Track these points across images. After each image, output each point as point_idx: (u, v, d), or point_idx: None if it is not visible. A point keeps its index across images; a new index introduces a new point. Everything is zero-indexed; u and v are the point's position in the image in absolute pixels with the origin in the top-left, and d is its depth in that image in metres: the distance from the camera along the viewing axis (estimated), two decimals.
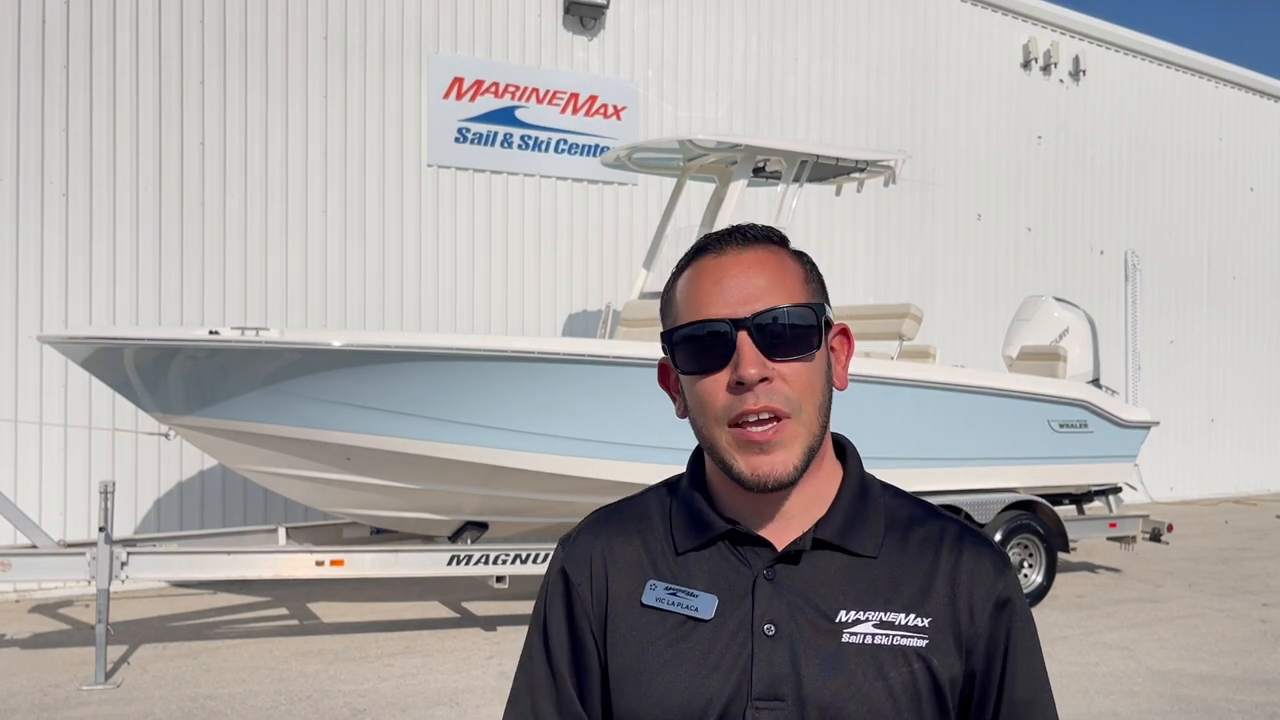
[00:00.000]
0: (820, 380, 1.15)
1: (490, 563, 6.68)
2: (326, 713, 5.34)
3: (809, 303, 1.14)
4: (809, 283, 1.18)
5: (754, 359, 1.11)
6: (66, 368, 7.89)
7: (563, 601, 1.25)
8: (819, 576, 1.13)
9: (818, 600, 1.12)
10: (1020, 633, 1.16)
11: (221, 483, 8.62)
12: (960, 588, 1.14)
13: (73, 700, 5.50)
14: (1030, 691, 1.17)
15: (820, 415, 1.14)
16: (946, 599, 1.13)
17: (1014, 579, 1.19)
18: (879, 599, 1.12)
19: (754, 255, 1.16)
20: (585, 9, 10.26)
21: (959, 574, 1.15)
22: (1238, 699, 5.71)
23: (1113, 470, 8.83)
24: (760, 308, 1.12)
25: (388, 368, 6.25)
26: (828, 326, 1.17)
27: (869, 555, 1.14)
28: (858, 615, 1.11)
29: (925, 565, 1.15)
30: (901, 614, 1.11)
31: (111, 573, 5.95)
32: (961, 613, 1.13)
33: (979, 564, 1.16)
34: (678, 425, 5.49)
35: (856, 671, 1.08)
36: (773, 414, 1.11)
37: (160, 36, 8.61)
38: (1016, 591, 1.18)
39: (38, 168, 8.17)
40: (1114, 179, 14.41)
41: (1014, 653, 1.15)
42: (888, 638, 1.10)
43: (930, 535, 1.18)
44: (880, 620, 1.11)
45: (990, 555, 1.18)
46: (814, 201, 11.28)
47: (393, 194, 9.48)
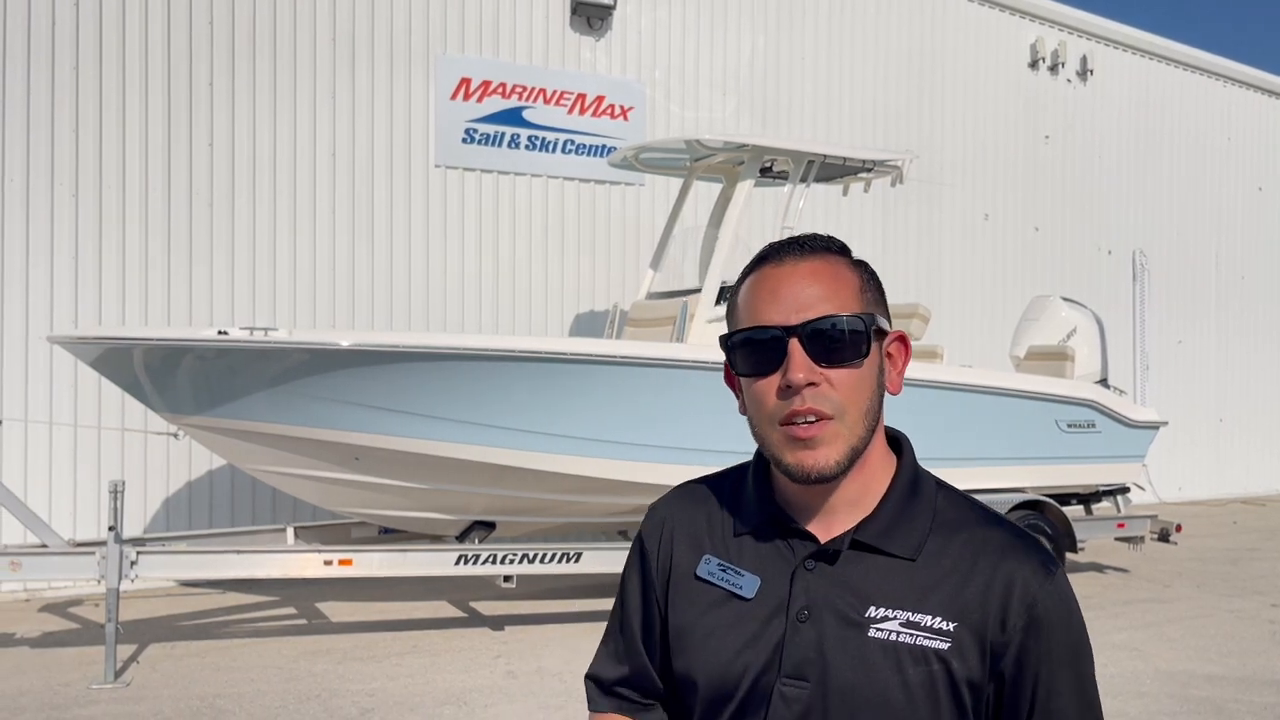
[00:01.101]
0: (867, 386, 1.21)
1: (498, 562, 6.69)
2: (335, 712, 5.36)
3: (859, 313, 1.21)
4: (864, 292, 1.25)
5: (802, 364, 1.18)
6: (76, 368, 7.92)
7: (639, 562, 1.40)
8: (856, 573, 1.19)
9: (851, 594, 1.18)
10: (1056, 644, 1.16)
11: (230, 482, 8.65)
12: (994, 595, 1.16)
13: (82, 699, 5.52)
14: (1065, 704, 1.16)
15: (866, 418, 1.21)
16: (978, 605, 1.16)
17: (1057, 590, 1.18)
18: (910, 599, 1.17)
19: (810, 265, 1.24)
20: (592, 9, 10.27)
21: (995, 581, 1.17)
22: (1246, 699, 5.70)
23: (1121, 470, 8.81)
24: (811, 316, 1.20)
25: (395, 368, 6.27)
26: (881, 335, 1.24)
27: (907, 558, 1.19)
28: (887, 613, 1.16)
29: (963, 570, 1.18)
30: (929, 616, 1.16)
31: (121, 572, 5.97)
32: (992, 619, 1.15)
33: (1018, 573, 1.17)
34: (684, 425, 5.54)
35: (877, 664, 1.14)
36: (817, 415, 1.19)
37: (169, 37, 8.64)
38: (1057, 603, 1.17)
39: (47, 167, 8.21)
40: (1122, 178, 14.37)
41: (1049, 665, 1.16)
42: (912, 637, 1.15)
43: (975, 540, 1.21)
44: (908, 620, 1.16)
45: (1032, 565, 1.19)
46: (821, 202, 11.27)
47: (400, 194, 9.50)
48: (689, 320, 7.37)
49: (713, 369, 6.90)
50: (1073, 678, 1.17)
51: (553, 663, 6.28)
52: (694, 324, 7.32)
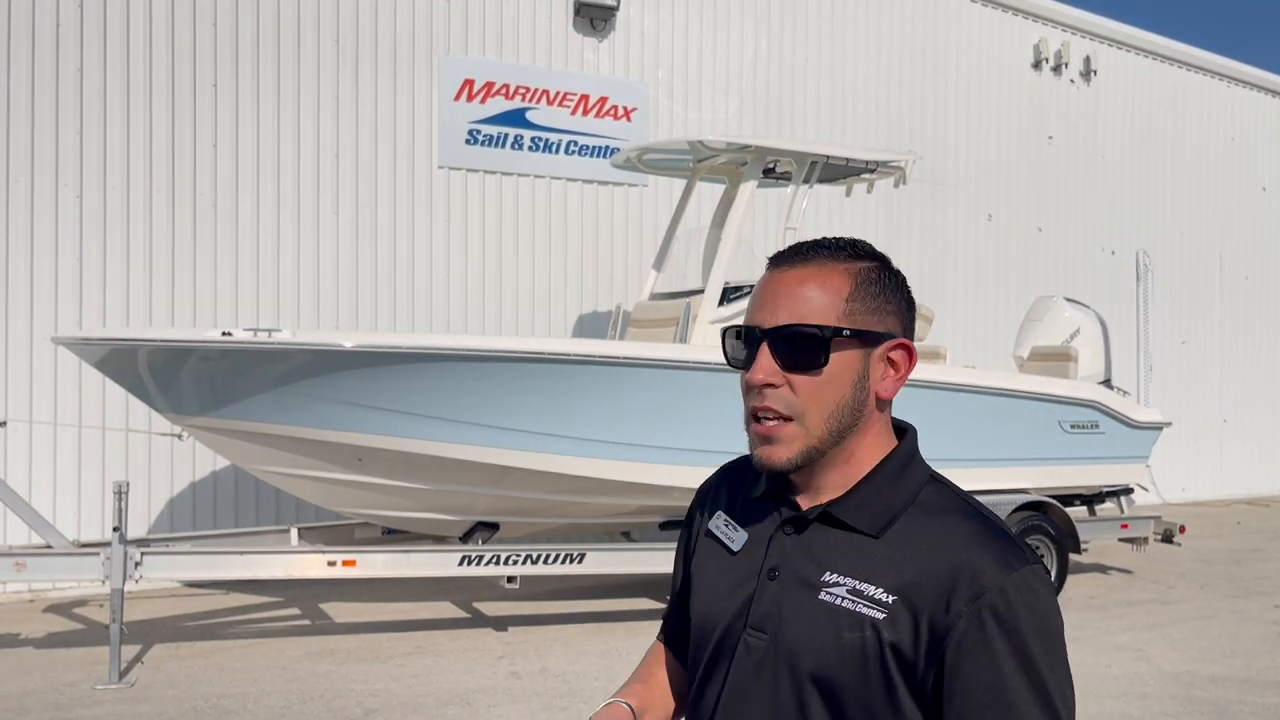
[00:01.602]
0: (831, 391, 1.27)
1: (501, 563, 6.69)
2: (338, 712, 5.36)
3: (822, 324, 1.27)
4: (851, 302, 1.29)
5: (765, 367, 1.28)
6: (80, 369, 7.93)
7: (686, 526, 1.57)
8: (822, 541, 1.29)
9: (812, 560, 1.28)
10: (999, 638, 1.17)
11: (234, 483, 8.66)
12: (944, 579, 1.20)
13: (87, 699, 5.53)
14: (1016, 700, 1.16)
15: (829, 421, 1.28)
16: (927, 585, 1.20)
17: (1012, 587, 1.19)
18: (862, 570, 1.24)
19: (801, 273, 1.31)
20: (595, 10, 10.28)
21: (949, 567, 1.20)
22: (1250, 700, 5.70)
23: (1124, 471, 8.81)
24: (780, 322, 1.28)
25: (399, 369, 6.28)
26: (870, 341, 1.30)
27: (870, 534, 1.27)
28: (838, 579, 1.25)
29: (924, 552, 1.23)
30: (873, 587, 1.22)
31: (125, 572, 5.98)
32: (938, 601, 1.19)
33: (974, 563, 1.20)
34: (687, 426, 5.55)
35: (820, 624, 1.23)
36: (775, 415, 1.28)
37: (173, 38, 8.66)
38: (1007, 598, 1.18)
39: (52, 169, 8.22)
40: (1125, 179, 14.36)
41: (990, 657, 1.16)
42: (853, 603, 1.22)
43: (947, 528, 1.25)
44: (854, 588, 1.23)
45: (992, 558, 1.21)
46: (824, 203, 11.27)
47: (404, 195, 9.51)
48: (692, 321, 7.37)
49: (716, 370, 6.90)
50: (1019, 676, 1.16)
51: (556, 663, 6.28)
52: (697, 325, 7.32)
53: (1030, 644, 1.17)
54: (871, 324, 1.30)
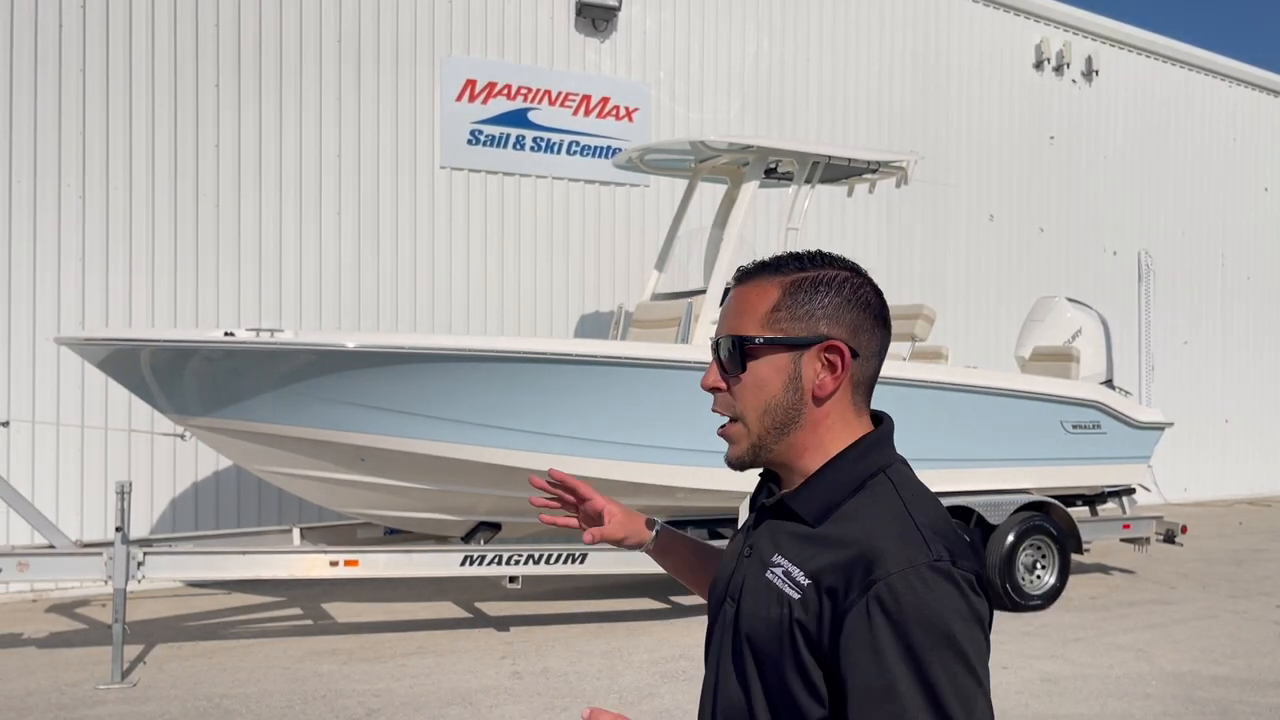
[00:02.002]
0: (759, 394, 1.42)
1: (503, 563, 6.70)
2: (340, 712, 5.37)
3: (739, 334, 1.43)
4: (777, 310, 1.42)
5: (711, 373, 1.48)
6: (83, 369, 7.94)
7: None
8: (779, 528, 1.43)
9: (772, 543, 1.42)
10: (881, 626, 1.22)
11: (236, 483, 8.67)
12: (850, 567, 1.28)
13: (89, 699, 5.54)
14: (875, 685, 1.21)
15: (765, 420, 1.42)
16: (836, 572, 1.29)
17: (909, 584, 1.23)
18: (795, 554, 1.36)
19: (744, 288, 1.46)
20: (597, 11, 10.28)
21: (859, 557, 1.28)
22: (1252, 701, 5.70)
23: (1126, 471, 8.80)
24: (720, 334, 1.46)
25: (401, 369, 6.28)
26: (795, 345, 1.40)
27: (808, 523, 1.38)
28: (780, 561, 1.37)
29: (845, 543, 1.32)
30: (797, 570, 1.34)
31: (128, 572, 5.99)
32: (841, 587, 1.28)
33: (880, 556, 1.26)
34: (689, 426, 5.56)
35: (761, 599, 1.37)
36: (724, 417, 1.47)
37: (175, 39, 8.67)
38: (897, 593, 1.22)
39: (55, 170, 8.24)
40: (1127, 179, 14.36)
41: (874, 647, 1.22)
42: (782, 583, 1.35)
43: (874, 523, 1.32)
44: (786, 570, 1.35)
45: (899, 555, 1.26)
46: (826, 203, 11.27)
47: (406, 196, 9.52)
48: (694, 321, 7.38)
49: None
50: (899, 664, 1.20)
51: (558, 663, 6.29)
52: (699, 325, 7.33)
53: (914, 637, 1.21)
54: (796, 330, 1.40)
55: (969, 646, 1.22)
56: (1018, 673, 6.18)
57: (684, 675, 6.05)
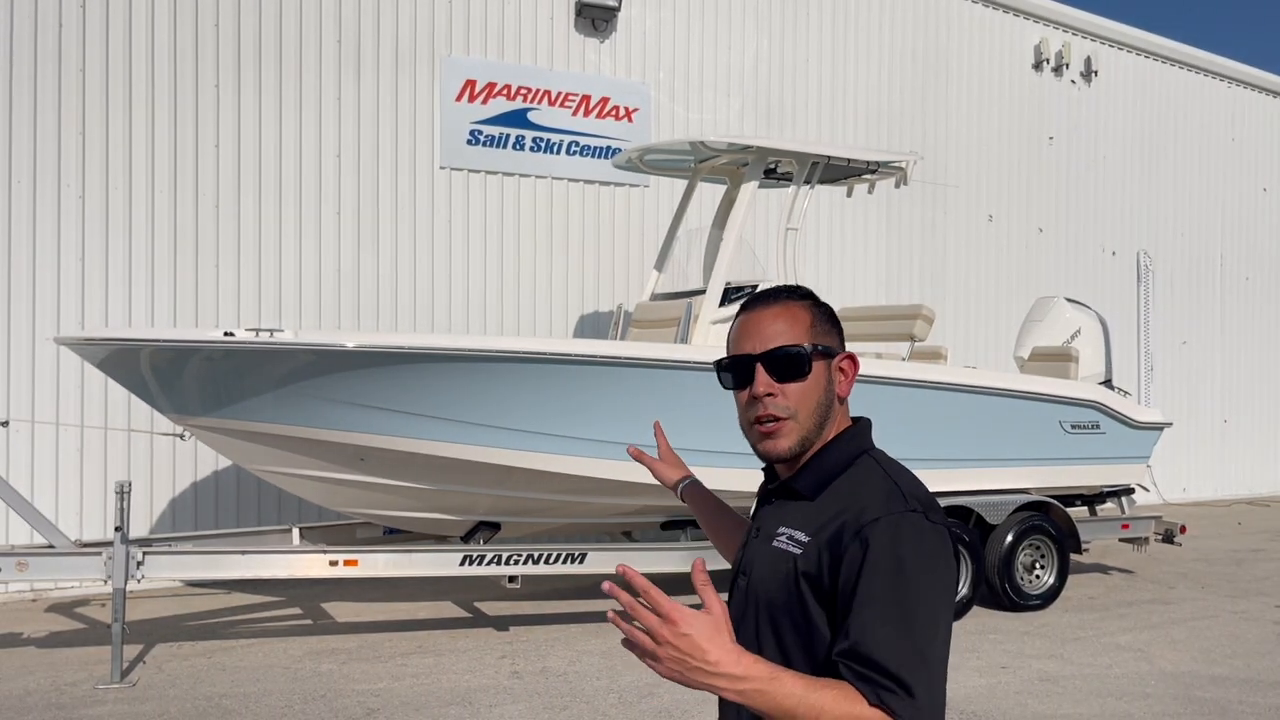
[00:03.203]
0: (814, 394, 1.71)
1: (502, 563, 6.70)
2: (340, 712, 5.37)
3: (801, 344, 1.71)
4: (814, 327, 1.73)
5: (763, 381, 1.70)
6: (83, 369, 7.95)
7: None
8: (783, 506, 1.73)
9: (776, 520, 1.71)
10: (872, 562, 1.51)
11: (236, 483, 8.67)
12: (843, 521, 1.58)
13: (88, 699, 5.54)
14: (877, 610, 1.49)
15: (814, 416, 1.71)
16: (832, 526, 1.59)
17: (889, 526, 1.53)
18: (797, 522, 1.66)
19: (774, 310, 1.74)
20: (597, 11, 10.29)
21: (848, 514, 1.59)
22: (1251, 701, 5.70)
23: (1125, 471, 8.81)
24: (770, 346, 1.71)
25: (401, 369, 6.28)
26: (828, 355, 1.73)
27: (807, 497, 1.69)
28: (782, 530, 1.67)
29: (839, 507, 1.62)
30: (799, 532, 1.64)
31: (127, 572, 5.99)
32: (836, 535, 1.57)
33: (866, 510, 1.57)
34: (688, 426, 5.53)
35: (768, 563, 1.67)
36: (774, 417, 1.70)
37: (175, 39, 8.67)
38: (881, 532, 1.53)
39: (54, 169, 8.24)
40: (1126, 179, 14.37)
41: (866, 575, 1.51)
42: (784, 545, 1.65)
43: (859, 490, 1.63)
44: (789, 535, 1.65)
45: (879, 507, 1.57)
46: (826, 203, 11.28)
47: (405, 196, 9.52)
48: (693, 321, 7.38)
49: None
50: (888, 591, 1.50)
51: (557, 663, 6.29)
52: (698, 325, 7.33)
53: (897, 560, 1.51)
54: (829, 342, 1.74)
55: (939, 576, 1.54)
56: (1017, 672, 6.19)
57: None
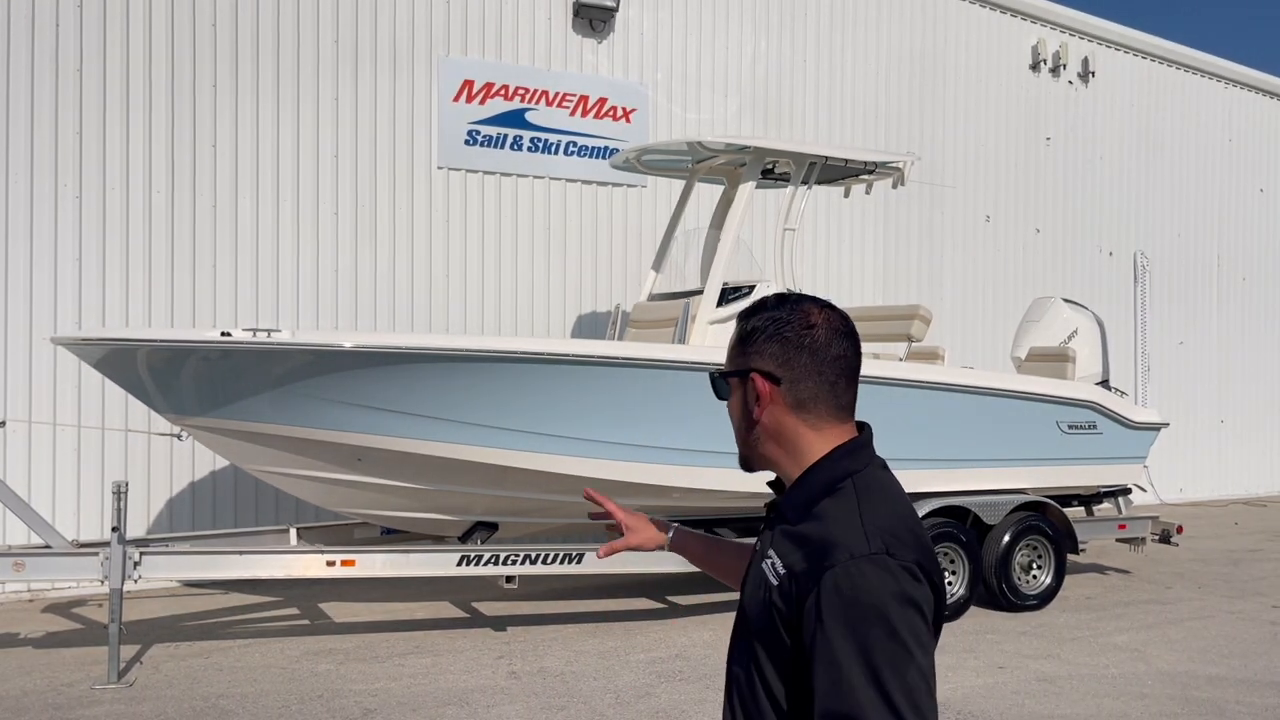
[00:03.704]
0: (735, 414, 1.74)
1: (500, 563, 6.70)
2: (337, 712, 5.37)
3: (714, 370, 1.77)
4: (735, 346, 1.73)
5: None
6: (80, 369, 7.94)
7: None
8: (777, 527, 1.70)
9: (770, 541, 1.69)
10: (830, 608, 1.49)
11: (233, 483, 8.67)
12: (809, 557, 1.56)
13: (85, 699, 5.54)
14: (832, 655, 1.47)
15: (740, 435, 1.74)
16: (801, 563, 1.56)
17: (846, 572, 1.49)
18: (781, 549, 1.63)
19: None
20: (594, 12, 10.29)
21: (817, 550, 1.55)
22: (1248, 701, 5.71)
23: (1122, 471, 8.82)
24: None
25: (398, 369, 6.28)
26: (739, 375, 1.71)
27: (790, 522, 1.65)
28: (771, 553, 1.65)
29: (812, 539, 1.58)
30: (779, 561, 1.61)
31: (124, 572, 5.99)
32: (802, 574, 1.55)
33: (828, 551, 1.53)
34: (686, 427, 5.56)
35: (755, 584, 1.66)
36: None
37: (172, 39, 8.66)
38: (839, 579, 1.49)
39: (51, 169, 8.23)
40: (1123, 180, 14.38)
41: (822, 621, 1.49)
42: (769, 570, 1.62)
43: (832, 520, 1.58)
44: (772, 562, 1.62)
45: (841, 549, 1.52)
46: (823, 203, 11.28)
47: (403, 196, 9.52)
48: (691, 322, 7.38)
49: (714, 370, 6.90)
50: (845, 642, 1.46)
51: (554, 663, 6.29)
52: (695, 325, 7.33)
53: (852, 616, 1.47)
54: (741, 362, 1.71)
55: (900, 623, 1.47)
56: (1014, 673, 6.19)
57: (680, 675, 6.05)
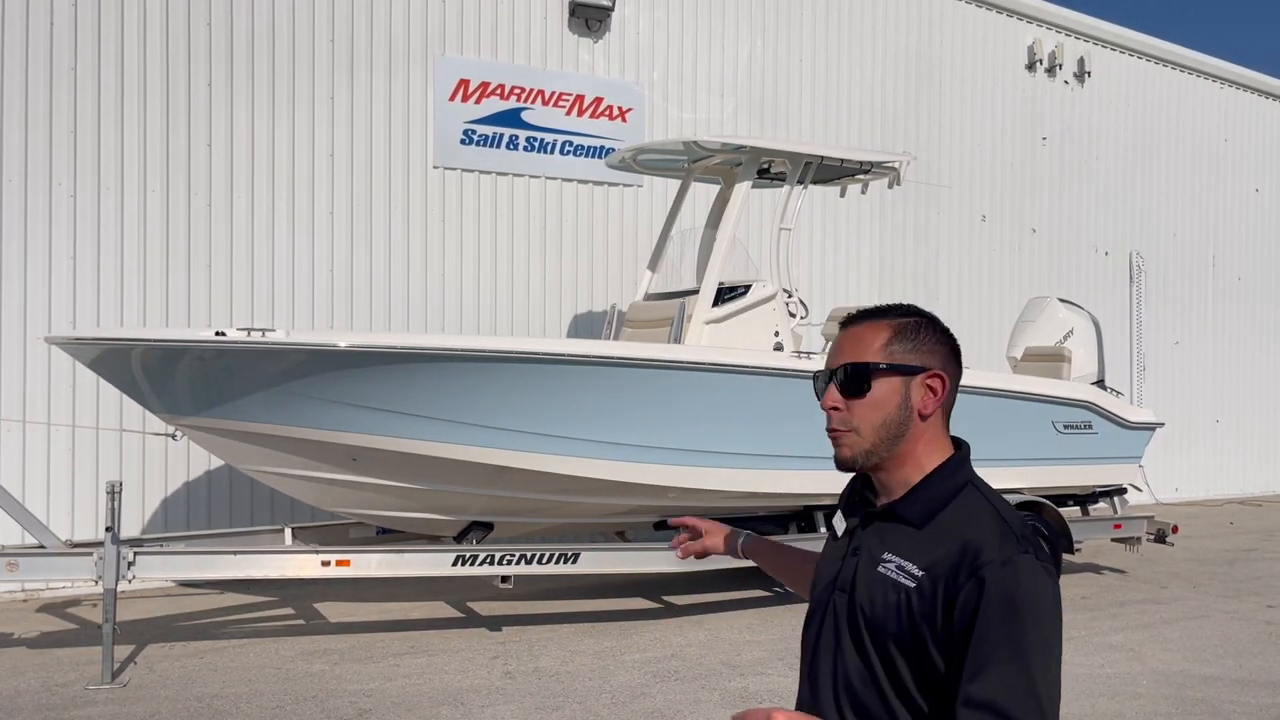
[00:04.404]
0: (877, 411, 1.76)
1: (495, 563, 6.69)
2: (332, 712, 5.36)
3: (863, 362, 1.77)
4: (889, 345, 1.77)
5: (831, 395, 1.80)
6: (74, 369, 7.92)
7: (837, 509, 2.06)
8: (887, 530, 1.77)
9: (880, 543, 1.76)
10: (991, 605, 1.57)
11: (228, 483, 8.65)
12: (958, 559, 1.64)
13: (79, 700, 5.52)
14: (990, 651, 1.56)
15: (878, 432, 1.76)
16: (946, 563, 1.64)
17: (1005, 569, 1.59)
18: (906, 550, 1.71)
19: (858, 327, 1.82)
20: (591, 11, 10.28)
21: (963, 551, 1.64)
22: (1243, 701, 5.72)
23: (1117, 471, 8.83)
24: (838, 364, 1.80)
25: (393, 369, 6.27)
26: (903, 372, 1.76)
27: (914, 524, 1.73)
28: (890, 557, 1.72)
29: (951, 540, 1.67)
30: (910, 563, 1.69)
31: (118, 573, 5.98)
32: (951, 574, 1.63)
33: (981, 549, 1.63)
34: (681, 426, 5.56)
35: (876, 588, 1.71)
36: (835, 429, 1.80)
37: (168, 38, 8.64)
38: (1000, 576, 1.59)
39: (45, 168, 8.21)
40: (1119, 180, 14.39)
41: (983, 618, 1.57)
42: (896, 574, 1.69)
43: (971, 523, 1.69)
44: (898, 564, 1.70)
45: (995, 547, 1.63)
46: (819, 203, 11.28)
47: (399, 195, 9.50)
48: (686, 321, 7.38)
49: (710, 370, 6.91)
50: (1001, 633, 1.56)
51: (550, 663, 6.29)
52: (691, 325, 7.33)
53: (1010, 609, 1.57)
54: (908, 360, 1.76)
55: (1050, 620, 1.61)
56: None
57: (676, 675, 6.05)
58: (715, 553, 2.40)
